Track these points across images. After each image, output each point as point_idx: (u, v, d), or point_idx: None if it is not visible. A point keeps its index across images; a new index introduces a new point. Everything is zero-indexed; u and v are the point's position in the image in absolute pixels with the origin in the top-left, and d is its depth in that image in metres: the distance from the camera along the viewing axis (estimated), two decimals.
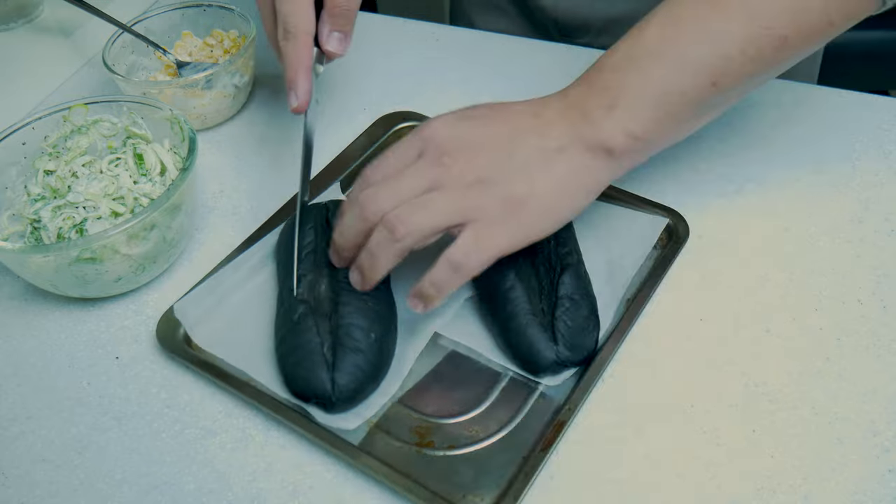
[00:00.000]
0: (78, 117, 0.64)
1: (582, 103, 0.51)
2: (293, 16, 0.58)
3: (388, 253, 0.49)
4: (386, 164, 0.52)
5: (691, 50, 0.50)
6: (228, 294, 0.58)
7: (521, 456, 0.48)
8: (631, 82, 0.50)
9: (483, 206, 0.48)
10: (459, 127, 0.51)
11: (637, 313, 0.54)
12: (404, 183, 0.49)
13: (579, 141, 0.50)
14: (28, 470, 0.50)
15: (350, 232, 0.51)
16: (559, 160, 0.50)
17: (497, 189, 0.48)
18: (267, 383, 0.53)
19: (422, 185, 0.49)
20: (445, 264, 0.48)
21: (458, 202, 0.48)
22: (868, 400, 0.50)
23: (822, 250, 0.59)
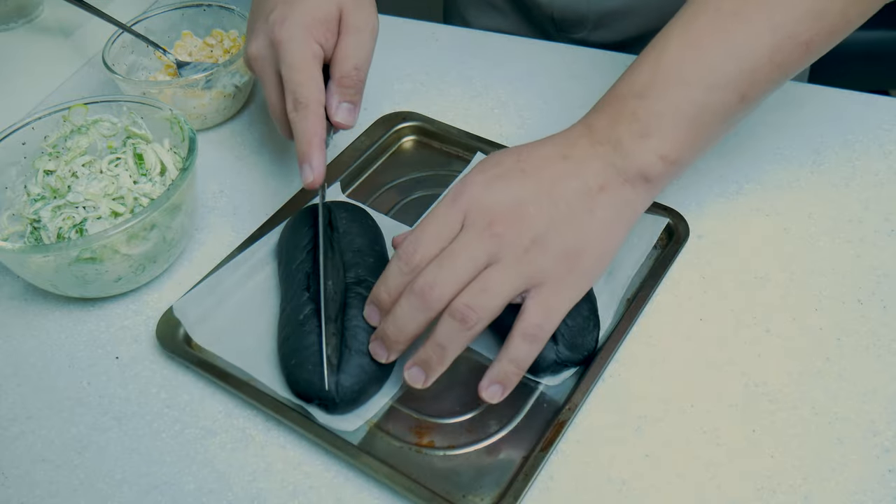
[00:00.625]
0: (78, 117, 0.64)
1: (611, 135, 0.50)
2: (303, 86, 0.56)
3: (460, 343, 0.47)
4: (428, 239, 0.49)
5: (718, 68, 0.49)
6: (228, 293, 0.58)
7: (522, 456, 0.48)
8: (661, 108, 0.49)
9: (544, 269, 0.47)
10: (496, 189, 0.49)
11: (637, 313, 0.54)
12: (460, 263, 0.47)
13: (618, 175, 0.49)
14: (28, 470, 0.50)
15: (410, 325, 0.48)
16: (602, 200, 0.49)
17: (552, 247, 0.47)
18: (267, 382, 0.53)
19: (479, 260, 0.47)
20: (522, 339, 0.47)
21: (520, 272, 0.47)
22: (868, 400, 0.50)
23: (822, 250, 0.59)
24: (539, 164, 0.50)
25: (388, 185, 0.68)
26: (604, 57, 0.78)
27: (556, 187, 0.49)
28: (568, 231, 0.48)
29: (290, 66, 0.56)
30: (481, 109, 0.74)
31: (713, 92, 0.49)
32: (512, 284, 0.47)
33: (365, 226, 0.58)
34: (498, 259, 0.47)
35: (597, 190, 0.49)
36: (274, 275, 0.60)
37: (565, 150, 0.50)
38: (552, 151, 0.50)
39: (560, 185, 0.49)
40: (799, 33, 0.49)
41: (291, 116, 0.56)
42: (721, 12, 0.50)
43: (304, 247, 0.56)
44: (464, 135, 0.69)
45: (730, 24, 0.49)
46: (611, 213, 0.49)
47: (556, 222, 0.48)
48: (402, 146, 0.71)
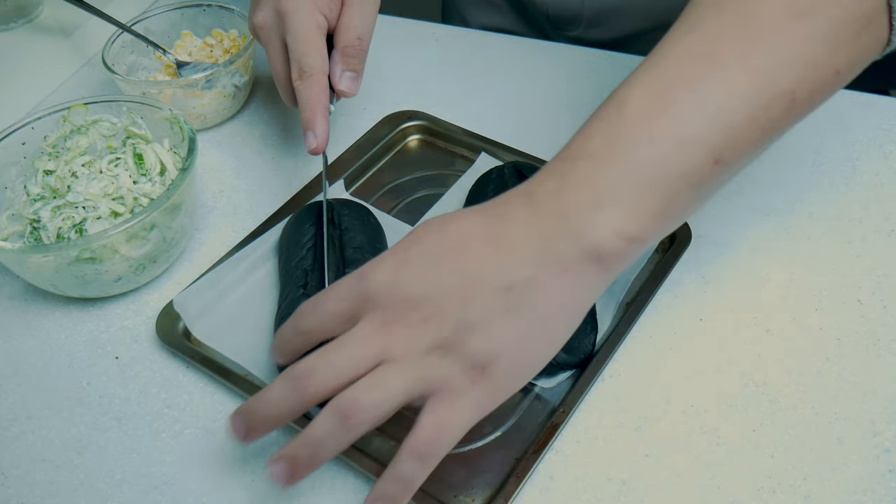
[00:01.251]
0: (77, 117, 0.64)
1: (557, 206, 0.40)
2: (308, 56, 0.57)
3: (338, 443, 0.41)
4: (320, 318, 0.44)
5: (688, 122, 0.40)
6: (229, 288, 0.59)
7: (514, 457, 0.48)
8: (618, 171, 0.40)
9: (444, 377, 0.40)
10: (402, 277, 0.41)
11: (637, 313, 0.54)
12: (347, 356, 0.41)
13: (557, 264, 0.40)
14: (28, 470, 0.50)
15: (277, 410, 0.42)
16: (530, 299, 0.40)
17: (457, 355, 0.40)
18: (265, 379, 0.53)
19: (368, 358, 0.41)
20: (410, 456, 0.40)
21: (415, 376, 0.40)
22: (868, 400, 0.50)
23: (822, 250, 0.59)
24: (461, 247, 0.41)
25: (392, 183, 0.68)
26: (604, 57, 0.78)
27: (472, 282, 0.40)
28: (479, 338, 0.40)
29: (295, 37, 0.57)
30: (481, 109, 0.74)
31: (682, 151, 0.40)
32: (406, 389, 0.40)
33: (367, 223, 0.59)
34: (393, 358, 0.40)
35: (524, 286, 0.40)
36: (274, 271, 0.60)
37: (497, 228, 0.41)
38: (481, 228, 0.42)
39: (478, 281, 0.40)
40: (781, 81, 0.41)
41: (296, 85, 0.57)
42: (692, 55, 0.41)
43: (304, 244, 0.56)
44: (468, 134, 0.69)
45: (701, 69, 0.41)
46: (537, 314, 0.40)
47: (465, 326, 0.40)
48: (406, 145, 0.71)
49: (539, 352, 0.42)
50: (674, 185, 0.40)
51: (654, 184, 0.40)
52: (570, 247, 0.40)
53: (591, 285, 0.41)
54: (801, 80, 0.41)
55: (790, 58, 0.41)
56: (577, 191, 0.40)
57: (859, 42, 0.43)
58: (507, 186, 0.59)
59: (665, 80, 0.41)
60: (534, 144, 0.68)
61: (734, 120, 0.40)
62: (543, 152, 0.66)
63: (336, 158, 0.68)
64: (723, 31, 0.41)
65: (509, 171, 0.61)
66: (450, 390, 0.40)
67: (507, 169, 0.61)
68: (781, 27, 0.41)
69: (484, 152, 0.67)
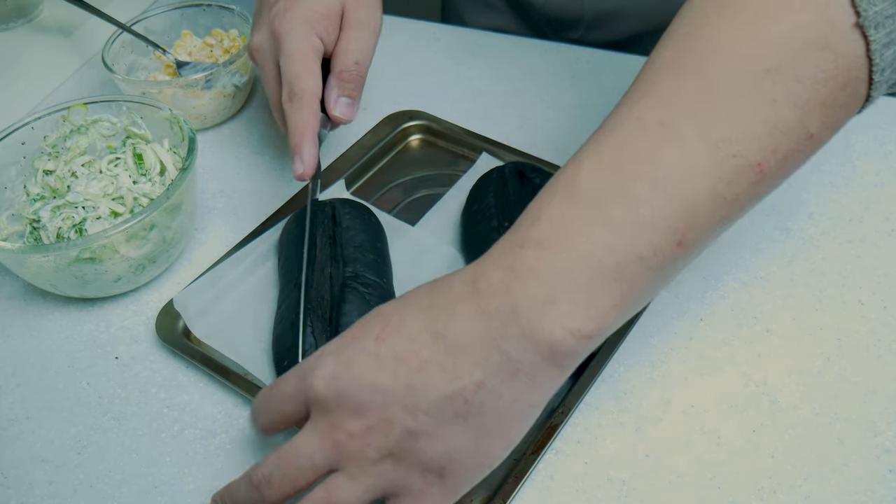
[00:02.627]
0: (77, 117, 0.64)
1: (504, 300, 0.37)
2: (300, 78, 0.55)
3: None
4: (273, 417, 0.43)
5: (643, 201, 0.36)
6: (229, 287, 0.59)
7: (513, 458, 0.48)
8: (568, 260, 0.36)
9: (398, 483, 0.39)
10: (343, 382, 0.39)
11: (636, 317, 0.54)
12: (299, 465, 0.40)
13: (504, 366, 0.37)
14: (28, 470, 0.50)
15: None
16: (478, 402, 0.37)
17: (410, 462, 0.39)
18: (263, 379, 0.53)
19: (319, 466, 0.40)
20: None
21: (369, 484, 0.39)
22: (868, 400, 0.50)
23: (822, 250, 0.59)
24: (401, 348, 0.38)
25: (392, 183, 0.68)
26: (603, 57, 0.78)
27: (415, 389, 0.38)
28: (429, 444, 0.38)
29: (288, 58, 0.56)
30: (482, 109, 0.74)
31: (640, 235, 0.36)
32: (360, 499, 0.39)
33: (367, 223, 0.59)
34: (343, 467, 0.39)
35: (472, 392, 0.37)
36: (274, 270, 0.60)
37: (438, 324, 0.38)
38: (421, 326, 0.38)
39: (421, 387, 0.37)
40: (746, 152, 0.36)
41: (286, 107, 0.56)
42: (643, 123, 0.37)
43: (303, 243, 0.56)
44: (470, 134, 0.69)
45: (656, 139, 0.36)
46: (489, 419, 0.38)
47: (413, 434, 0.38)
48: (408, 145, 0.71)
49: (494, 450, 0.39)
50: (632, 273, 0.36)
51: (610, 274, 0.36)
52: (521, 348, 0.36)
53: (544, 385, 0.38)
54: (768, 149, 0.36)
55: (755, 124, 0.36)
56: (526, 285, 0.36)
57: (835, 102, 0.37)
58: (508, 187, 0.59)
59: (617, 155, 0.37)
60: (534, 145, 0.68)
61: (696, 199, 0.36)
62: (544, 152, 0.66)
63: (337, 158, 0.68)
64: (679, 94, 0.36)
65: (510, 171, 0.61)
66: (409, 493, 0.39)
67: (508, 169, 0.61)
68: (744, 89, 0.36)
69: (485, 152, 0.67)
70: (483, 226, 0.58)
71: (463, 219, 0.61)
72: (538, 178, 0.59)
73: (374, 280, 0.54)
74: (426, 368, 0.38)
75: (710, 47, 0.37)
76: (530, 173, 0.60)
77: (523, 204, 0.57)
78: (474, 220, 0.59)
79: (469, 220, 0.60)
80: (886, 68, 0.37)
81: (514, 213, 0.58)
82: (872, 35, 0.35)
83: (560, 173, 0.38)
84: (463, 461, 0.39)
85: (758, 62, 0.36)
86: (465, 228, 0.60)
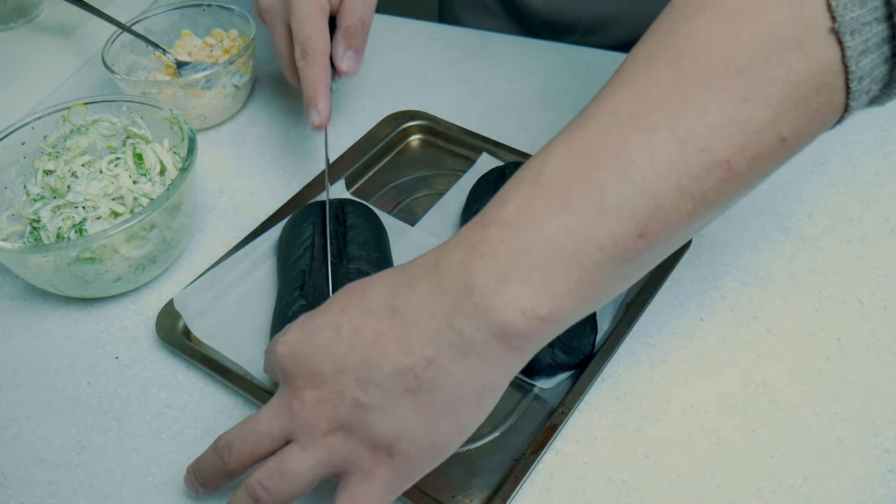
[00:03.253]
0: (77, 117, 0.64)
1: (460, 278, 0.37)
2: (311, 39, 0.61)
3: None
4: None
5: (609, 189, 0.36)
6: (229, 287, 0.59)
7: (513, 458, 0.48)
8: (529, 241, 0.36)
9: (350, 459, 0.40)
10: (301, 349, 0.40)
11: (637, 314, 0.54)
12: (256, 433, 0.42)
13: (458, 342, 0.37)
14: (28, 470, 0.50)
15: (210, 475, 0.45)
16: (430, 378, 0.37)
17: (357, 435, 0.39)
18: (263, 379, 0.53)
19: (275, 434, 0.41)
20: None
21: (320, 458, 0.40)
22: (868, 400, 0.50)
23: (822, 250, 0.59)
24: (360, 321, 0.39)
25: (392, 183, 0.68)
26: (603, 57, 0.78)
27: (368, 361, 0.38)
28: (378, 418, 0.38)
29: (299, 20, 0.61)
30: (481, 109, 0.74)
31: (601, 222, 0.36)
32: (312, 471, 0.40)
33: (371, 222, 0.59)
34: (296, 439, 0.40)
35: (423, 367, 0.37)
36: (273, 270, 0.60)
37: (398, 300, 0.38)
38: (382, 301, 0.39)
39: (374, 359, 0.38)
40: (715, 148, 0.35)
41: (300, 65, 0.61)
42: (616, 116, 0.37)
43: (302, 243, 0.57)
44: (470, 134, 0.69)
45: (626, 131, 0.36)
46: (440, 396, 0.38)
47: (362, 407, 0.38)
48: (408, 144, 0.71)
49: (448, 432, 0.39)
50: (591, 260, 0.36)
51: (568, 258, 0.36)
52: (473, 326, 0.36)
53: (498, 366, 0.38)
54: (738, 147, 0.36)
55: (725, 122, 0.35)
56: (483, 263, 0.36)
57: (808, 107, 0.36)
58: None
59: (586, 145, 0.37)
60: (534, 145, 0.68)
61: (661, 190, 0.35)
62: None
63: (337, 158, 0.68)
64: (653, 88, 0.37)
65: (510, 171, 0.61)
66: (359, 470, 0.40)
67: (508, 169, 0.61)
68: (716, 85, 0.35)
69: (485, 152, 0.67)
70: None
71: (462, 219, 0.61)
72: None
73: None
74: (381, 342, 0.38)
75: (688, 43, 0.37)
76: None
77: None
78: None
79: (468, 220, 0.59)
80: (864, 77, 0.35)
81: None
82: (848, 42, 0.34)
83: (531, 161, 0.39)
84: (412, 439, 0.38)
85: (731, 60, 0.35)
86: None
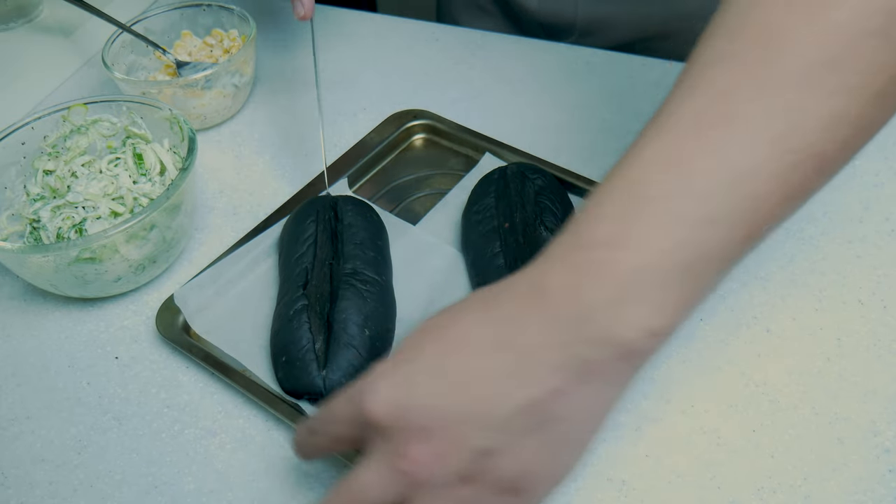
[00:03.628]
0: (77, 117, 0.64)
1: (575, 304, 0.35)
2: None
3: None
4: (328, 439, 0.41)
5: (711, 198, 0.35)
6: (230, 284, 0.59)
7: None
8: (640, 261, 0.35)
9: None
10: (404, 402, 0.36)
11: None
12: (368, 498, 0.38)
13: (580, 371, 0.35)
14: (28, 470, 0.50)
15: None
16: (558, 409, 0.36)
17: (484, 482, 0.36)
18: (262, 375, 0.53)
19: (389, 498, 0.37)
20: None
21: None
22: (868, 400, 0.50)
23: (822, 250, 0.59)
24: (468, 360, 0.36)
25: (395, 182, 0.68)
26: (603, 56, 0.78)
27: (485, 403, 0.35)
28: (504, 462, 0.36)
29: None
30: (482, 109, 0.74)
31: (709, 231, 0.35)
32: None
33: (369, 220, 0.59)
34: (414, 497, 0.37)
35: (550, 397, 0.35)
36: (275, 267, 0.60)
37: (505, 334, 0.36)
38: (488, 335, 0.36)
39: (492, 400, 0.35)
40: (809, 144, 0.36)
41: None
42: (709, 115, 0.36)
43: (305, 240, 0.57)
44: (473, 134, 0.69)
45: (720, 133, 0.36)
46: (570, 426, 0.36)
47: (485, 453, 0.36)
48: (411, 144, 0.71)
49: (571, 459, 0.38)
50: (702, 270, 0.36)
51: (682, 272, 0.35)
52: (597, 351, 0.35)
53: (620, 386, 0.37)
54: (828, 139, 0.36)
55: (819, 115, 0.35)
56: (597, 287, 0.35)
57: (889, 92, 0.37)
58: (509, 188, 0.59)
59: (680, 151, 0.36)
60: (535, 144, 0.68)
61: (761, 190, 0.35)
62: (545, 153, 0.66)
63: (339, 157, 0.68)
64: (741, 85, 0.36)
65: (512, 171, 0.61)
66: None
67: (510, 170, 0.61)
68: (808, 80, 0.35)
69: (488, 152, 0.67)
70: (483, 226, 0.58)
71: (464, 219, 0.61)
72: (540, 178, 0.59)
73: (372, 277, 0.54)
74: (496, 381, 0.36)
75: (767, 37, 0.36)
76: (532, 174, 0.60)
77: (524, 205, 0.58)
78: (474, 220, 0.59)
79: (469, 220, 0.60)
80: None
81: (515, 213, 0.58)
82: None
83: (616, 171, 0.37)
84: (537, 474, 0.37)
85: (816, 53, 0.35)
86: (466, 228, 0.60)
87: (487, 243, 0.56)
